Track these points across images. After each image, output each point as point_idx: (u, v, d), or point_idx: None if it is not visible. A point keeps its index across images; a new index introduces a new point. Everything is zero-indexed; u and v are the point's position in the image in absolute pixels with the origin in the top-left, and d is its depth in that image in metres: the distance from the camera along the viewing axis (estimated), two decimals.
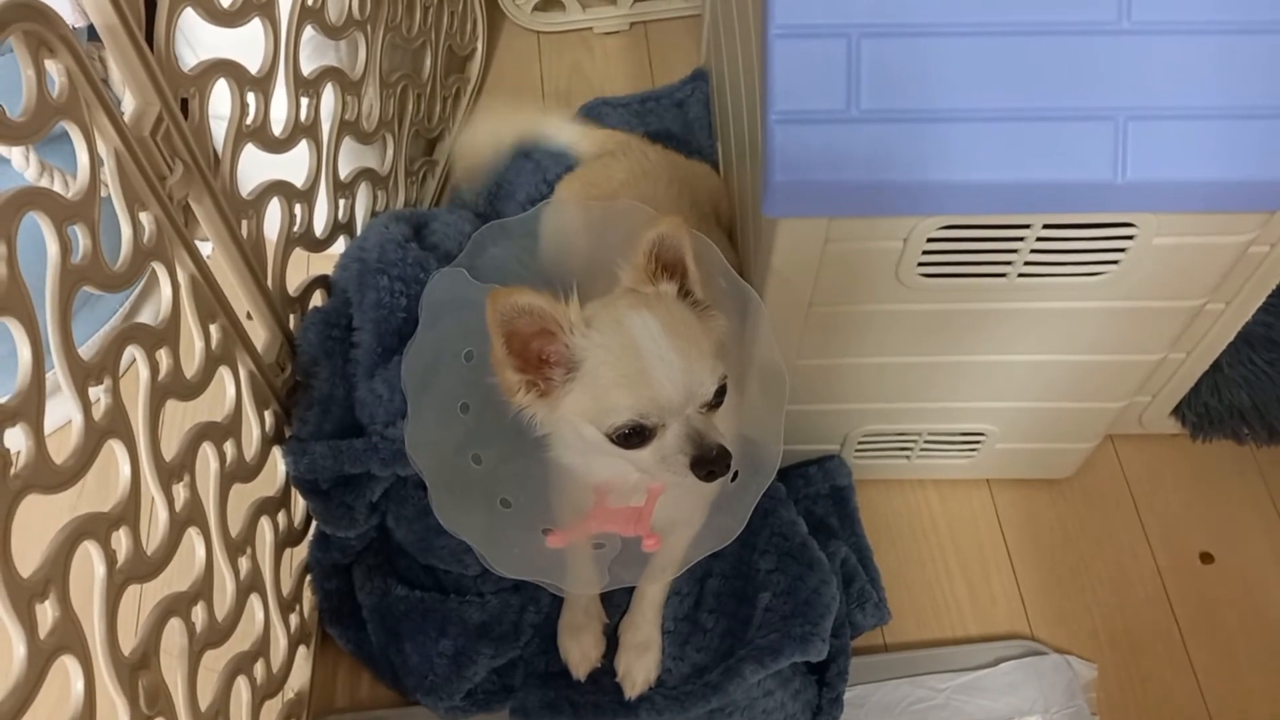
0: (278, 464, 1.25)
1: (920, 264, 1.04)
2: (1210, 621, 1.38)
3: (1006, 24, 0.88)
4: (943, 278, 1.06)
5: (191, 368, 1.01)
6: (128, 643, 0.88)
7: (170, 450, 0.97)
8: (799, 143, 0.90)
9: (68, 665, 0.78)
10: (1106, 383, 1.26)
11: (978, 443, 1.38)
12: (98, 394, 0.85)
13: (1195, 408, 1.44)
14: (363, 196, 1.48)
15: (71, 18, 1.00)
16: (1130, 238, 0.99)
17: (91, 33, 0.91)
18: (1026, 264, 1.03)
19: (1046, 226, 0.98)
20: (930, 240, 1.00)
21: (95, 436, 0.83)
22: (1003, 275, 1.05)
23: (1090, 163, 0.89)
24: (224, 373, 1.09)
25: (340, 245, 1.40)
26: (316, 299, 1.36)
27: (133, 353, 0.91)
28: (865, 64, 0.88)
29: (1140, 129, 0.88)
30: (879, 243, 1.01)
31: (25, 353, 0.74)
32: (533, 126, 1.65)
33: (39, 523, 0.78)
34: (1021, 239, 1.00)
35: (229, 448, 1.09)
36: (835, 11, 0.88)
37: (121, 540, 0.87)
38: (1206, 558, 1.43)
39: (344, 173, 1.40)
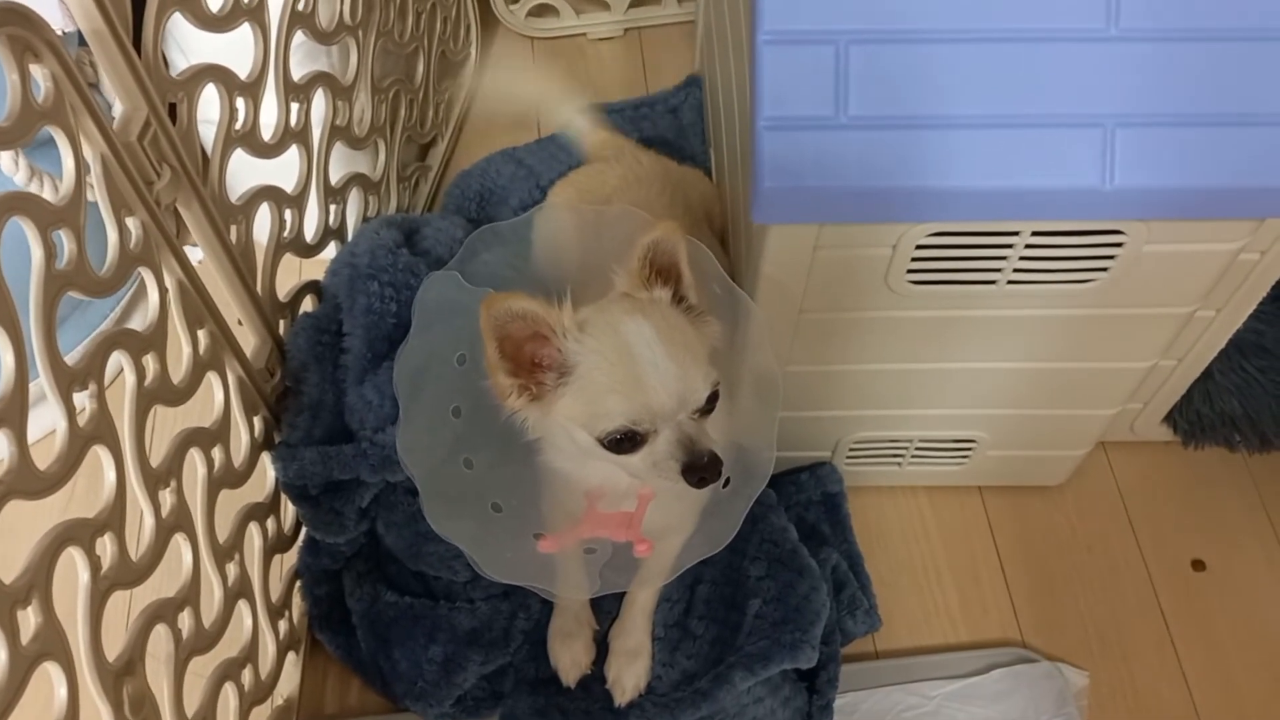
0: (267, 470, 1.24)
1: (909, 271, 1.04)
2: (1202, 629, 1.38)
3: (994, 31, 0.88)
4: (932, 285, 1.06)
5: (179, 373, 1.01)
6: (113, 649, 0.88)
7: (157, 456, 0.97)
8: (788, 149, 0.90)
9: (50, 672, 0.77)
10: (1097, 390, 1.26)
11: (969, 450, 1.38)
12: (83, 400, 0.84)
13: (1187, 415, 1.44)
14: (354, 202, 1.48)
15: (59, 23, 1.00)
16: (1119, 245, 0.99)
17: (81, 39, 0.90)
18: (1016, 271, 1.03)
19: (1035, 234, 0.98)
20: (919, 247, 1.00)
21: (80, 442, 0.82)
22: (992, 282, 1.05)
23: (1078, 169, 0.89)
24: (212, 378, 1.09)
25: (331, 251, 1.40)
26: (307, 304, 1.36)
27: (119, 359, 0.91)
28: (853, 71, 0.88)
29: (1128, 136, 0.88)
30: (868, 249, 1.01)
31: (8, 358, 0.74)
32: (550, 99, 1.66)
33: (25, 529, 0.78)
34: (1010, 246, 1.00)
35: (217, 453, 1.09)
36: (824, 18, 0.88)
37: (106, 546, 0.86)
38: (1198, 565, 1.43)
39: (335, 178, 1.40)
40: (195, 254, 1.07)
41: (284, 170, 1.25)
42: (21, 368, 0.74)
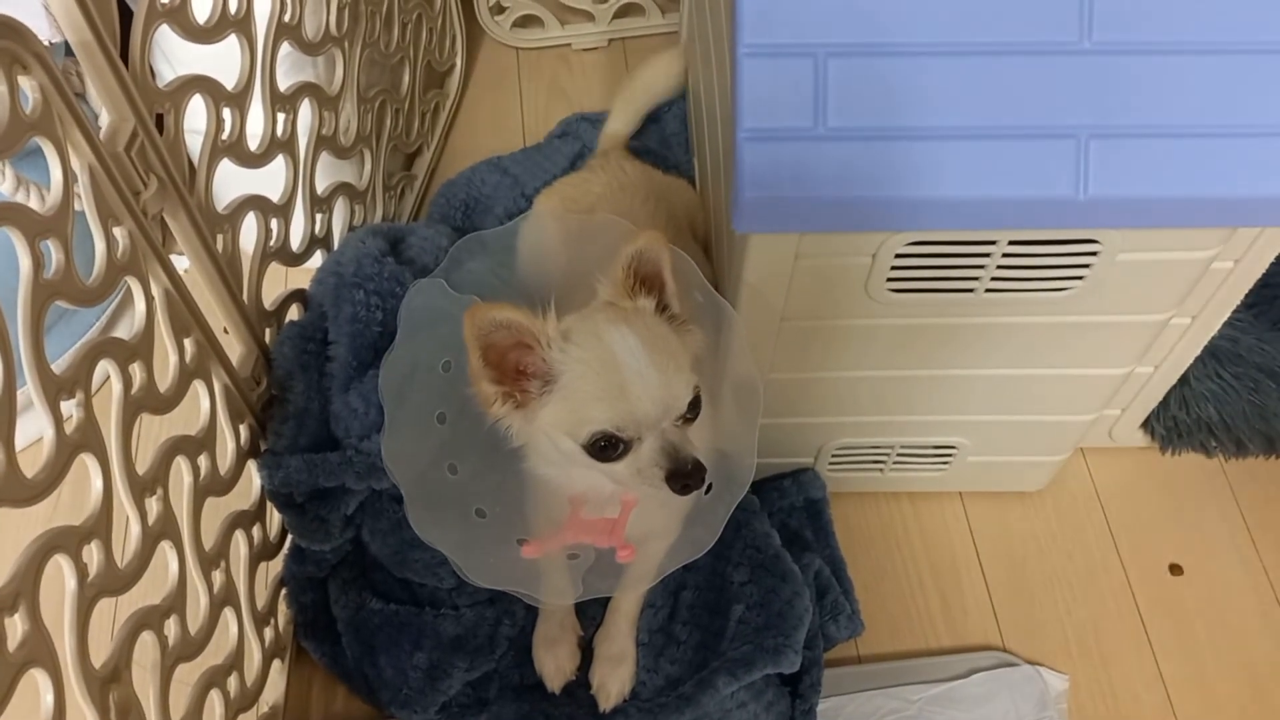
0: (253, 478, 1.25)
1: (889, 279, 1.05)
2: (1180, 632, 1.39)
3: (970, 44, 0.89)
4: (911, 293, 1.07)
5: (165, 381, 1.01)
6: (99, 656, 0.88)
7: (143, 464, 0.97)
8: (768, 160, 0.91)
9: (37, 679, 0.78)
10: (1075, 396, 1.27)
11: (950, 456, 1.39)
12: (69, 408, 0.85)
13: (1164, 421, 1.46)
14: (340, 211, 1.49)
15: (47, 34, 1.01)
16: (1094, 253, 1.01)
17: (68, 49, 0.91)
18: (993, 280, 1.05)
19: (1012, 243, 1.00)
20: (898, 256, 1.02)
21: (67, 450, 0.83)
22: (970, 291, 1.07)
23: (1053, 180, 0.90)
24: (198, 386, 1.09)
25: (317, 259, 1.40)
26: (293, 313, 1.36)
27: (106, 367, 0.91)
28: (832, 83, 0.89)
29: (1101, 147, 0.90)
30: (848, 258, 1.03)
31: None
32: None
33: (12, 537, 0.78)
34: (988, 255, 1.02)
35: (203, 461, 1.09)
36: (802, 31, 0.89)
37: (93, 553, 0.86)
38: (1176, 569, 1.45)
39: (321, 187, 1.40)
40: (181, 263, 1.08)
41: (270, 180, 1.25)
42: (9, 375, 0.75)
